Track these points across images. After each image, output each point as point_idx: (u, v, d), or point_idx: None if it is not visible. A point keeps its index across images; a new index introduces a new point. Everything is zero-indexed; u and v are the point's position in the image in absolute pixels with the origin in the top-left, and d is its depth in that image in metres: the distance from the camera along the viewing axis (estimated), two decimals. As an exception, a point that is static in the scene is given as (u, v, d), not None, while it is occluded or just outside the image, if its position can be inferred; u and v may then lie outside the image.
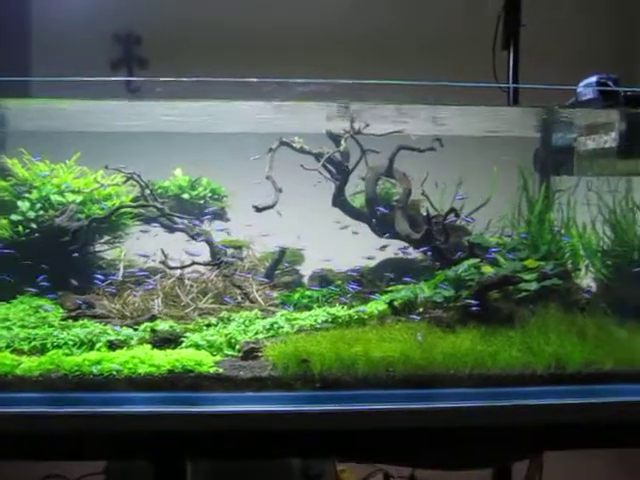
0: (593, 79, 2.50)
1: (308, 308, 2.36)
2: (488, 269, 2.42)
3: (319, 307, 2.31)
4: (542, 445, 2.16)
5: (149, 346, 2.04)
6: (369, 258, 2.64)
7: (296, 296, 2.40)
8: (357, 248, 2.74)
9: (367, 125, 2.47)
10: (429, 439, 1.97)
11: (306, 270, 2.81)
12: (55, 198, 2.32)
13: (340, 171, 2.52)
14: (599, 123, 2.47)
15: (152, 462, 1.95)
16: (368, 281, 2.65)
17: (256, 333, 2.13)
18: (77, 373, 1.91)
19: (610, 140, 2.36)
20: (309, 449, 1.95)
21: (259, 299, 2.30)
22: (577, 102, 2.53)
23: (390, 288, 2.44)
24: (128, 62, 4.34)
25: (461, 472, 2.31)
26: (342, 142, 2.43)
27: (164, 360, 1.94)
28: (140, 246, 2.54)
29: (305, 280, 2.74)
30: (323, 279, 2.62)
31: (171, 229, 2.49)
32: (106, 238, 2.47)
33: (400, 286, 2.39)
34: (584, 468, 3.17)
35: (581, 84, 2.55)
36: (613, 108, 2.32)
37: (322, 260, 2.76)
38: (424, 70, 3.47)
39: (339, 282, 2.59)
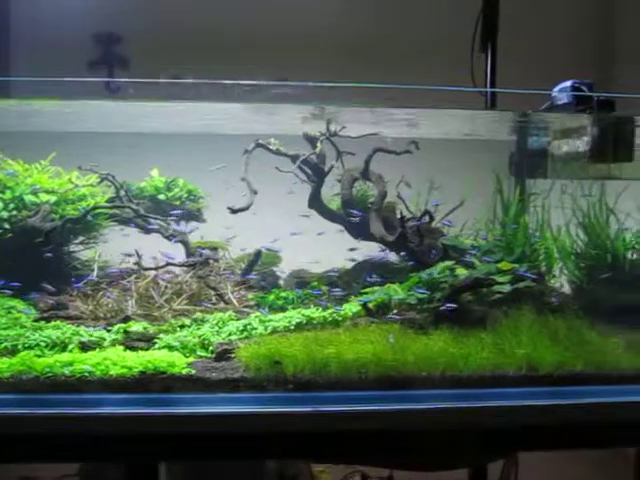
0: (568, 84, 2.52)
1: (283, 309, 2.36)
2: (462, 271, 2.44)
3: (294, 309, 2.31)
4: (513, 446, 2.19)
5: (122, 347, 2.03)
6: (351, 260, 2.65)
7: (271, 297, 2.40)
8: (335, 249, 2.75)
9: (343, 127, 2.48)
10: (401, 441, 1.98)
11: (283, 271, 2.82)
12: (29, 198, 2.31)
13: (316, 173, 2.52)
14: (572, 127, 2.50)
15: (124, 464, 1.95)
16: (345, 282, 2.66)
17: (229, 334, 2.13)
18: (49, 375, 1.90)
19: (582, 144, 2.39)
20: (281, 451, 1.95)
21: (233, 300, 2.30)
22: (552, 106, 2.55)
23: (366, 290, 2.45)
24: (108, 62, 4.32)
25: (438, 473, 2.34)
26: (318, 144, 2.44)
27: (136, 361, 1.94)
28: (120, 247, 2.53)
29: (282, 282, 2.74)
30: (299, 280, 2.62)
31: (146, 230, 2.48)
32: (81, 239, 2.45)
33: (375, 288, 2.40)
34: (560, 467, 3.19)
35: (556, 88, 2.57)
36: (585, 113, 2.35)
37: (300, 262, 2.77)
38: (404, 73, 3.49)
39: (315, 284, 2.59)
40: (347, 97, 2.38)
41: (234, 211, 2.28)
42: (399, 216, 2.42)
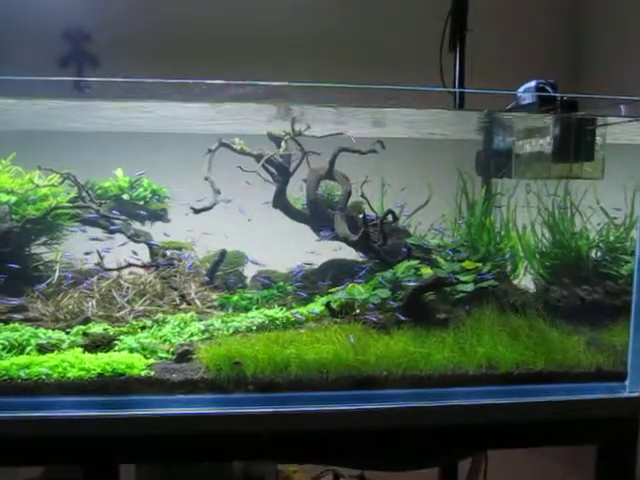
0: (532, 84, 2.54)
1: (247, 310, 2.35)
2: (427, 270, 2.45)
3: (257, 309, 2.31)
4: (475, 445, 2.19)
5: (80, 350, 2.01)
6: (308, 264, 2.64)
7: (235, 298, 2.39)
8: (302, 249, 2.75)
9: (308, 127, 2.47)
10: (363, 441, 1.99)
11: (250, 271, 2.81)
12: (-13, 199, 2.28)
13: (281, 173, 2.52)
14: (535, 127, 2.51)
15: (83, 467, 1.93)
16: (310, 282, 2.66)
17: (191, 335, 2.12)
18: (5, 377, 1.88)
19: (545, 144, 2.40)
20: (242, 452, 1.95)
21: (197, 301, 2.29)
22: (517, 106, 2.56)
23: (332, 290, 2.45)
24: (78, 60, 4.28)
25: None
26: (282, 144, 2.43)
27: (95, 364, 1.92)
28: (88, 248, 2.51)
29: (248, 282, 2.73)
30: (265, 280, 2.62)
31: (109, 230, 2.46)
32: (43, 239, 2.43)
33: (339, 288, 2.40)
34: (529, 459, 3.20)
35: (521, 88, 2.58)
36: (548, 113, 2.36)
37: (266, 262, 2.76)
38: (371, 72, 3.49)
39: (280, 283, 2.59)
40: (313, 97, 2.37)
41: (197, 211, 2.26)
42: (361, 216, 2.42)
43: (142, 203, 2.53)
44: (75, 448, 1.89)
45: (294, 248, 2.71)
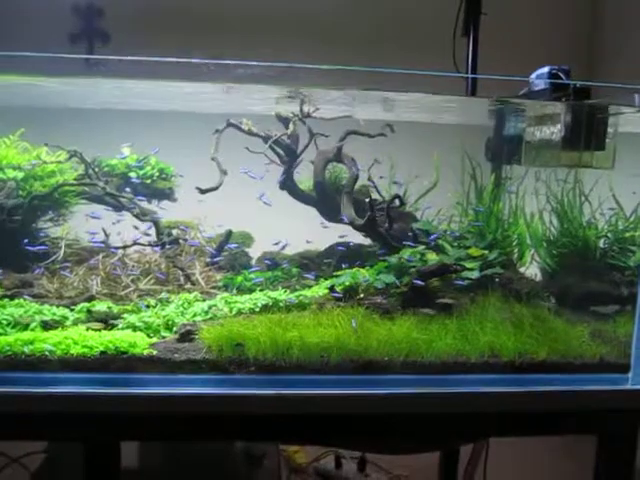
0: (545, 69, 2.50)
1: (251, 291, 2.35)
2: (432, 256, 2.44)
3: (261, 290, 2.31)
4: (475, 432, 2.20)
5: (84, 327, 2.02)
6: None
7: (239, 279, 2.39)
8: (309, 231, 2.74)
9: (317, 109, 2.45)
10: (361, 424, 1.99)
11: (256, 252, 2.81)
12: (-5, 174, 2.29)
13: (289, 154, 2.50)
14: (547, 114, 2.48)
15: (84, 443, 1.94)
16: (316, 265, 2.66)
17: (194, 315, 2.12)
18: (9, 353, 1.89)
19: (556, 132, 2.37)
20: (241, 432, 1.96)
21: (201, 281, 2.29)
22: (529, 92, 2.53)
23: (338, 273, 2.45)
24: (89, 36, 4.25)
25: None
26: (290, 125, 2.41)
27: (97, 341, 1.93)
28: (95, 226, 2.51)
29: (254, 262, 2.73)
30: (271, 262, 2.61)
31: (116, 208, 2.46)
32: (50, 216, 2.43)
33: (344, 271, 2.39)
34: (529, 445, 3.20)
35: (533, 74, 2.55)
36: (560, 100, 2.33)
37: (273, 243, 2.75)
38: (384, 54, 3.46)
39: (285, 265, 2.59)
40: (324, 79, 2.35)
41: (203, 191, 2.26)
42: (368, 200, 2.40)
43: (149, 182, 2.53)
44: (76, 425, 1.90)
45: (305, 230, 2.70)
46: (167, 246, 2.34)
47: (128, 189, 2.43)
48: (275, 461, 2.62)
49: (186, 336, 2.03)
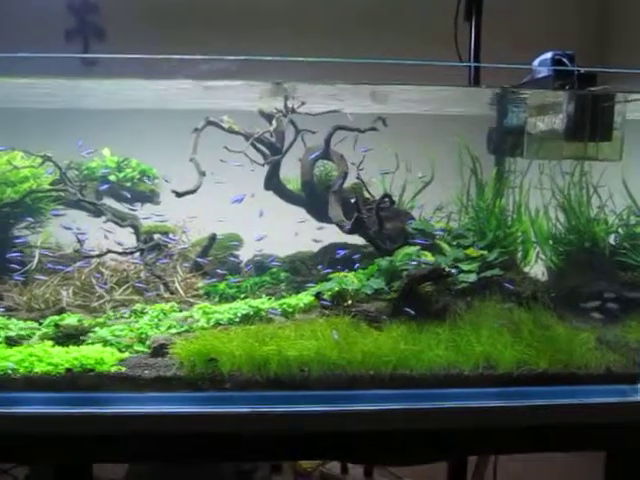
0: (548, 55, 2.33)
1: (235, 299, 2.23)
2: (429, 257, 2.29)
3: (245, 298, 2.18)
4: (468, 449, 2.05)
5: (51, 342, 1.91)
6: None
7: (222, 286, 2.26)
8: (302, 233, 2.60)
9: (302, 103, 2.31)
10: (342, 441, 1.86)
11: (246, 256, 2.68)
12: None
13: (273, 152, 2.37)
14: (549, 103, 2.31)
15: (52, 465, 1.84)
16: (307, 268, 2.52)
17: (169, 327, 2.00)
18: (-31, 372, 1.79)
19: (558, 122, 2.20)
20: (213, 452, 1.83)
21: (180, 289, 2.16)
22: (532, 80, 2.36)
23: (332, 276, 2.31)
24: (84, 33, 4.15)
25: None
26: (273, 122, 2.27)
27: (63, 358, 1.82)
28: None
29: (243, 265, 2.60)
30: (258, 266, 2.48)
31: (95, 213, 2.34)
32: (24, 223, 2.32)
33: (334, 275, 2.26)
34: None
35: (536, 61, 2.38)
36: (562, 88, 2.16)
37: (263, 246, 2.62)
38: (381, 43, 3.30)
39: (275, 270, 2.45)
40: (317, 72, 2.21)
41: (180, 194, 2.13)
42: (363, 198, 2.25)
43: (129, 185, 2.41)
44: (42, 446, 1.79)
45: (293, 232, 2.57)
46: (146, 253, 2.22)
47: (103, 192, 2.30)
48: (267, 475, 2.50)
49: (159, 351, 1.91)
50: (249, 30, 3.48)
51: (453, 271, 2.07)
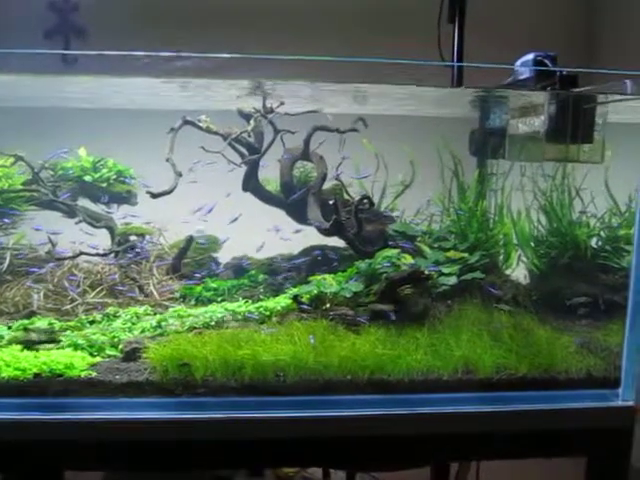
0: (530, 56, 2.30)
1: (211, 302, 2.18)
2: (409, 260, 2.26)
3: (222, 301, 2.13)
4: (448, 455, 2.02)
5: (20, 346, 1.86)
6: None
7: (198, 289, 2.22)
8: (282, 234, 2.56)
9: (282, 103, 2.27)
10: (318, 447, 1.82)
11: (225, 258, 2.63)
12: None
13: (252, 153, 2.32)
14: (530, 105, 2.28)
15: (21, 473, 1.79)
16: (286, 271, 2.48)
17: (142, 331, 1.95)
18: None
19: (539, 123, 2.17)
20: (186, 459, 1.78)
21: (154, 292, 2.12)
22: (514, 81, 2.34)
23: (311, 278, 2.27)
24: (64, 31, 4.09)
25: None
26: (251, 122, 2.23)
27: (31, 363, 1.77)
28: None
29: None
30: (237, 269, 2.44)
31: (69, 214, 2.29)
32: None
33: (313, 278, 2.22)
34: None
35: (518, 61, 2.35)
36: (543, 89, 2.13)
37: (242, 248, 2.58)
38: (365, 42, 3.26)
39: (253, 272, 2.41)
40: (294, 70, 2.17)
41: (155, 196, 2.08)
42: (332, 202, 2.20)
43: (105, 185, 2.36)
44: (9, 453, 1.74)
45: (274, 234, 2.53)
46: (120, 254, 2.17)
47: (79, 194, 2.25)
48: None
49: (131, 355, 1.86)
50: (233, 28, 3.43)
51: (432, 272, 2.03)
